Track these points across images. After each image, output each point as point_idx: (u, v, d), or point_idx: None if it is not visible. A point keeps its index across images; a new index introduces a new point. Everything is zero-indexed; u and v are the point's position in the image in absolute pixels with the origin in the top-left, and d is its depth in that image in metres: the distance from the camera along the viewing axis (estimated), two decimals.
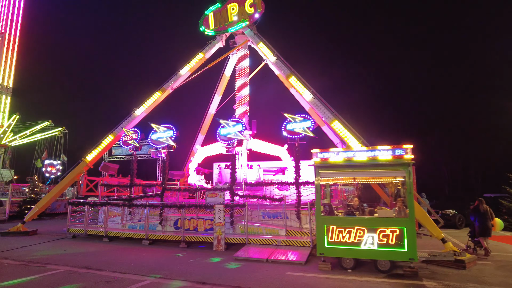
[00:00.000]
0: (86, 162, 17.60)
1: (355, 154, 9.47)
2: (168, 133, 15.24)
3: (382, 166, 9.43)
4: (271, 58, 17.66)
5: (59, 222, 22.12)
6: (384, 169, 9.53)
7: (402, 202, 9.90)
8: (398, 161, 9.05)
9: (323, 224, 9.70)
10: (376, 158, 9.23)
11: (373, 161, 9.27)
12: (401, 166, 9.19)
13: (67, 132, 30.21)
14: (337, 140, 21.93)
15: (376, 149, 9.26)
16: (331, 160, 9.67)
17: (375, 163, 9.34)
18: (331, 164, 9.76)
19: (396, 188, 11.42)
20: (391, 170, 9.55)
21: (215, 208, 12.85)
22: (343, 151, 9.73)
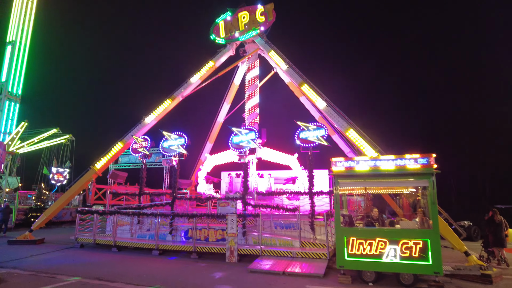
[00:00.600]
0: (95, 170, 17.42)
1: (381, 163, 9.20)
2: (179, 141, 15.06)
3: (407, 176, 9.17)
4: (282, 66, 17.57)
5: (65, 230, 21.85)
6: (407, 178, 9.26)
7: (423, 213, 9.61)
8: (425, 170, 8.78)
9: (343, 235, 9.39)
10: (405, 167, 8.95)
11: (400, 170, 8.99)
12: (425, 176, 8.91)
13: (74, 140, 30.20)
14: (347, 150, 21.76)
15: (404, 157, 9.00)
16: (357, 169, 9.40)
17: (401, 172, 9.06)
18: (354, 173, 9.50)
19: (415, 198, 11.10)
20: (415, 180, 9.27)
21: (227, 218, 12.55)
22: (369, 159, 9.46)
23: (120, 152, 18.34)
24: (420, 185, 9.62)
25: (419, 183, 9.38)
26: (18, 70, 27.92)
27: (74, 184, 17.29)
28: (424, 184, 9.15)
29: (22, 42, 28.73)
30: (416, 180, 9.24)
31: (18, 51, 28.27)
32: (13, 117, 27.20)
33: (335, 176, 9.73)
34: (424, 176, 8.96)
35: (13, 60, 27.82)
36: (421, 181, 9.16)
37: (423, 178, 9.02)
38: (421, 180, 9.15)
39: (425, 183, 9.08)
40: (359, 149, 13.39)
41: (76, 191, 17.26)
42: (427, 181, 8.94)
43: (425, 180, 8.98)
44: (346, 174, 9.54)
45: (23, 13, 29.18)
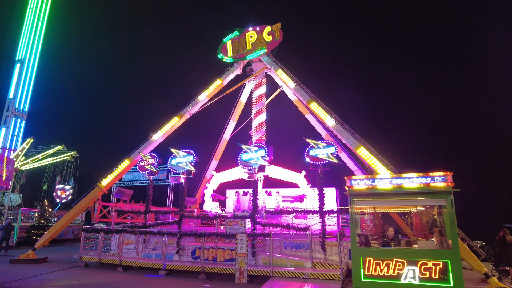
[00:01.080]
0: (101, 187, 17.24)
1: (399, 181, 9.09)
2: (188, 158, 14.96)
3: (425, 194, 9.05)
4: (290, 84, 17.71)
5: (68, 249, 21.42)
6: (426, 197, 9.12)
7: (439, 232, 9.40)
8: (443, 189, 8.65)
9: (359, 256, 9.16)
10: (423, 186, 8.85)
11: (419, 188, 8.89)
12: (443, 194, 8.78)
13: (78, 157, 30.11)
14: (355, 167, 21.59)
15: (421, 175, 8.91)
16: (379, 187, 9.27)
17: (420, 190, 8.96)
18: (373, 192, 9.37)
19: (431, 218, 10.87)
20: (433, 199, 9.11)
21: (237, 237, 12.28)
22: (387, 177, 9.35)
23: (127, 169, 18.22)
24: (438, 204, 9.45)
25: (437, 201, 9.22)
26: (26, 88, 28.19)
27: (79, 202, 17.07)
28: (442, 203, 8.98)
29: (31, 60, 29.16)
30: (434, 198, 9.09)
31: (27, 69, 28.64)
32: (19, 133, 27.22)
33: (351, 195, 9.59)
34: (442, 195, 8.83)
35: (22, 78, 28.13)
36: (439, 199, 9.00)
37: (441, 197, 8.88)
38: (439, 199, 9.00)
39: (443, 202, 8.93)
40: (370, 167, 13.25)
41: (82, 209, 17.02)
42: (445, 199, 8.80)
43: (443, 198, 8.84)
44: (365, 192, 9.41)
45: (33, 32, 29.77)
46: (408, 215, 13.59)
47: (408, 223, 13.78)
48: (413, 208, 11.38)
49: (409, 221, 13.72)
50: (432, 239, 9.55)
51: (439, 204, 9.29)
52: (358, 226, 11.18)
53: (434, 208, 10.35)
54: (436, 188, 8.85)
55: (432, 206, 10.43)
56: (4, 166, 17.41)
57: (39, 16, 30.84)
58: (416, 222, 12.34)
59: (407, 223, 14.01)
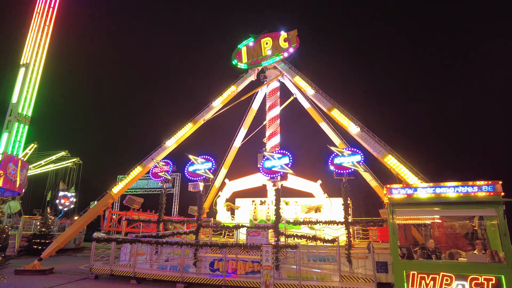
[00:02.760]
0: (112, 195, 16.55)
1: (443, 190, 8.64)
2: (206, 165, 14.40)
3: (471, 204, 8.58)
4: (309, 91, 17.36)
5: (72, 259, 20.53)
6: (472, 207, 8.65)
7: (482, 245, 8.92)
8: (492, 199, 8.20)
9: (402, 269, 8.63)
10: (470, 195, 8.40)
11: (465, 198, 8.43)
12: (492, 204, 8.32)
13: (81, 163, 29.33)
14: (370, 178, 21.16)
15: (468, 184, 8.46)
16: (419, 196, 8.80)
17: (466, 200, 8.51)
18: (413, 201, 8.89)
19: (471, 229, 10.38)
20: (480, 209, 8.64)
21: (262, 249, 11.65)
22: (429, 186, 8.89)
23: (139, 176, 17.56)
24: (486, 214, 8.97)
25: (485, 212, 8.74)
26: (30, 92, 27.57)
27: (89, 209, 16.32)
28: (491, 213, 8.52)
29: (36, 64, 28.63)
30: (482, 209, 8.63)
31: (31, 73, 28.08)
32: (21, 138, 26.48)
33: (391, 204, 9.10)
34: (491, 205, 8.37)
35: (26, 82, 27.55)
36: (487, 209, 8.54)
37: (489, 207, 8.42)
38: (487, 209, 8.53)
39: (492, 212, 8.47)
40: (398, 176, 12.80)
41: (92, 217, 16.29)
42: (494, 210, 8.35)
43: (492, 209, 8.39)
44: (405, 202, 8.93)
45: (39, 36, 29.33)
46: (427, 226, 13.11)
47: (424, 234, 13.26)
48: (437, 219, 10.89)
49: (430, 233, 13.22)
50: (474, 252, 9.06)
51: (487, 214, 8.80)
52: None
53: (474, 219, 9.88)
54: (484, 197, 8.40)
55: (471, 217, 9.97)
56: (18, 171, 16.66)
57: (45, 20, 30.50)
58: (439, 234, 11.82)
59: (426, 234, 13.49)
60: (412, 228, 14.87)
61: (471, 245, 9.91)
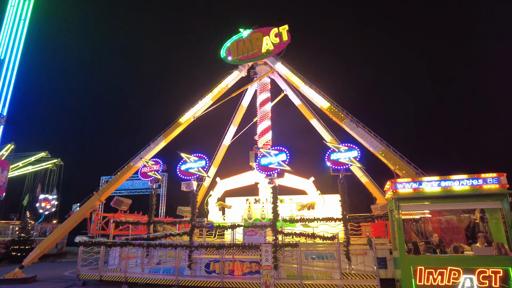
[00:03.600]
0: (99, 196, 15.73)
1: (449, 183, 8.53)
2: (200, 163, 13.88)
3: (478, 197, 8.53)
4: (302, 87, 17.09)
5: (55, 265, 19.49)
6: (479, 200, 8.60)
7: (484, 238, 8.91)
8: (498, 191, 8.16)
9: (409, 264, 8.48)
10: (477, 188, 8.35)
11: (471, 191, 8.36)
12: (498, 197, 8.29)
13: (62, 165, 27.98)
14: (361, 174, 21.18)
15: (474, 177, 8.38)
16: (426, 190, 8.66)
17: (472, 193, 8.44)
18: (421, 195, 8.75)
19: (472, 222, 10.39)
20: (486, 201, 8.60)
21: (261, 248, 11.31)
22: (437, 179, 8.75)
23: (127, 176, 16.82)
24: (491, 207, 8.92)
25: (490, 204, 8.70)
26: (5, 90, 26.04)
27: (75, 212, 15.44)
28: (496, 206, 8.49)
29: (12, 60, 27.07)
30: (488, 201, 8.58)
31: (7, 69, 26.53)
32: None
33: (397, 199, 8.93)
34: (497, 197, 8.34)
35: (0, 79, 25.99)
36: (493, 202, 8.50)
37: (495, 200, 8.39)
38: (493, 202, 8.49)
39: (497, 205, 8.43)
40: (395, 171, 12.73)
41: (77, 220, 15.38)
42: (500, 202, 8.32)
43: (498, 201, 8.36)
44: (413, 196, 8.78)
45: (14, 31, 27.76)
46: (417, 221, 13.14)
47: (415, 230, 13.30)
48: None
49: (420, 228, 13.25)
50: (476, 245, 9.04)
51: (493, 207, 8.76)
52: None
53: (475, 212, 9.88)
54: (490, 190, 8.36)
55: (471, 210, 9.97)
56: None
57: (20, 14, 28.90)
58: (432, 228, 11.82)
59: (417, 229, 13.53)
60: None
61: (471, 238, 9.94)
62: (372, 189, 21.28)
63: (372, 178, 21.73)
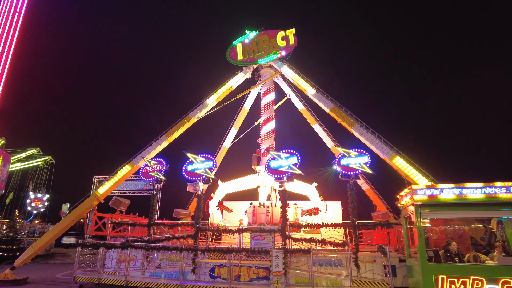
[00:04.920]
0: (97, 196, 15.11)
1: (468, 191, 8.43)
2: (206, 164, 13.49)
3: (497, 206, 8.45)
4: (310, 91, 16.94)
5: (45, 266, 18.60)
6: (498, 208, 8.51)
7: (502, 247, 8.82)
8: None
9: (430, 273, 8.29)
10: (496, 196, 8.27)
11: (490, 199, 8.30)
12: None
13: (54, 162, 26.97)
14: (361, 181, 21.10)
15: (494, 185, 8.38)
16: (442, 198, 8.52)
17: (491, 201, 8.37)
18: (438, 203, 8.60)
19: (488, 231, 10.31)
20: (507, 210, 8.51)
21: (272, 253, 10.99)
22: (454, 187, 8.63)
23: (127, 176, 16.24)
24: None
25: (510, 213, 8.62)
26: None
27: (71, 212, 14.76)
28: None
29: (4, 54, 26.12)
30: (508, 210, 8.50)
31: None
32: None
33: (417, 206, 8.77)
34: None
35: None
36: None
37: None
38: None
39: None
40: (407, 178, 12.63)
41: (74, 220, 14.69)
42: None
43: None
44: (432, 203, 8.64)
45: (8, 22, 26.85)
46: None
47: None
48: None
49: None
50: (494, 254, 8.95)
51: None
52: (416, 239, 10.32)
53: (492, 221, 9.81)
54: (507, 199, 8.28)
55: (488, 219, 9.89)
56: (0, 165, 14.62)
57: (14, 6, 27.99)
58: (436, 237, 11.74)
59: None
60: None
61: (486, 247, 9.84)
62: (373, 197, 21.24)
63: (374, 186, 21.74)
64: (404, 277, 11.94)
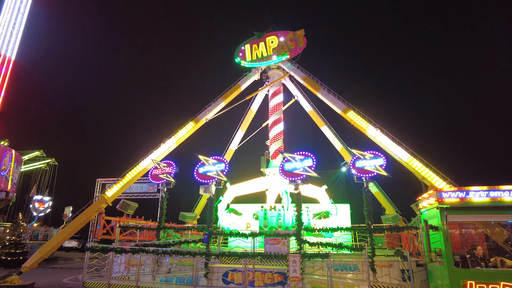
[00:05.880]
0: (106, 198, 14.81)
1: (501, 194, 8.18)
2: (219, 167, 13.23)
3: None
4: (321, 92, 16.72)
5: (49, 271, 18.19)
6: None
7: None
8: None
9: (458, 279, 8.04)
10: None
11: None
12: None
13: (57, 165, 26.62)
14: (371, 184, 20.85)
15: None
16: (474, 200, 8.28)
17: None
18: (468, 206, 8.36)
19: (510, 235, 10.07)
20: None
21: (289, 258, 10.72)
22: (483, 190, 8.39)
23: (136, 178, 15.95)
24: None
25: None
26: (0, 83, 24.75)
27: (79, 215, 14.43)
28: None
29: (8, 53, 25.85)
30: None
31: (2, 64, 25.24)
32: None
33: (444, 209, 8.53)
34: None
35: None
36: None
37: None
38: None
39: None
40: (423, 180, 12.40)
41: (82, 223, 14.38)
42: None
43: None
44: (459, 206, 8.40)
45: (13, 24, 26.60)
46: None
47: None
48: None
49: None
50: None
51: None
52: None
53: None
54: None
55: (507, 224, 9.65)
56: (12, 166, 14.22)
57: (19, 7, 27.76)
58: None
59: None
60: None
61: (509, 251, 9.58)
62: (382, 200, 21.02)
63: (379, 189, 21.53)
64: (422, 282, 11.69)
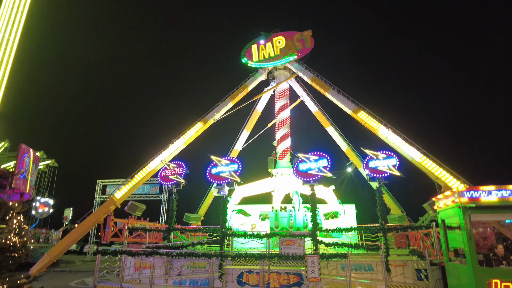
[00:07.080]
0: (115, 200, 14.58)
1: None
2: (231, 167, 13.11)
3: None
4: (331, 93, 16.71)
5: (55, 274, 17.90)
6: None
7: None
8: None
9: (483, 278, 8.04)
10: None
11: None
12: None
13: (57, 166, 26.14)
14: None
15: None
16: (495, 199, 8.31)
17: None
18: (490, 205, 8.39)
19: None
20: None
21: (307, 259, 10.63)
22: (506, 189, 8.42)
23: (144, 180, 15.74)
24: None
25: None
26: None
27: (87, 218, 14.16)
28: None
29: (6, 53, 25.32)
30: None
31: (1, 61, 24.74)
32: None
33: (467, 208, 8.54)
34: None
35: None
36: None
37: None
38: None
39: None
40: (436, 180, 12.44)
41: (90, 226, 14.14)
42: None
43: None
44: (483, 205, 8.42)
45: (11, 24, 26.07)
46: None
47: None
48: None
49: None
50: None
51: None
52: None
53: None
54: None
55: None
56: (31, 167, 13.90)
57: (17, 8, 27.25)
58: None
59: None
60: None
61: None
62: (388, 200, 21.09)
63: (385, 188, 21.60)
64: (437, 281, 11.75)
